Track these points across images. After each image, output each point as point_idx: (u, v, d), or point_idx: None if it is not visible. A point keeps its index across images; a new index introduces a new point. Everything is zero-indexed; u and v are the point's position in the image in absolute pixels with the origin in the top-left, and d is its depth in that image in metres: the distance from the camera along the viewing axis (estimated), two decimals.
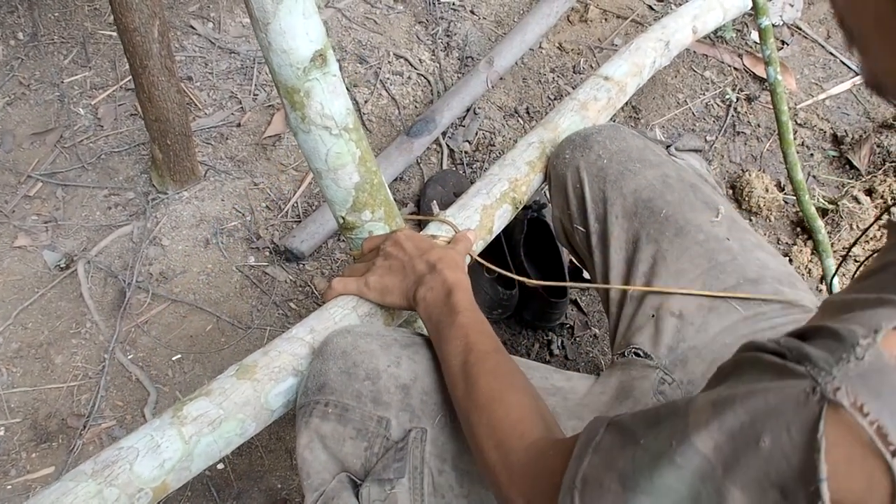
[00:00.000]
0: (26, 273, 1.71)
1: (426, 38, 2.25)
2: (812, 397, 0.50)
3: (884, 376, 0.48)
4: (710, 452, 0.56)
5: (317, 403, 0.99)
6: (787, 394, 0.52)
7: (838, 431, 0.49)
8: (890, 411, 0.47)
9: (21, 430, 1.51)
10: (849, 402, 0.48)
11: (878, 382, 0.48)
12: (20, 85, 2.01)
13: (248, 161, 1.94)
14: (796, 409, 0.51)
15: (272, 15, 1.01)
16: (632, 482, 0.63)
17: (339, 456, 0.98)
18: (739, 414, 0.55)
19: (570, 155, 1.30)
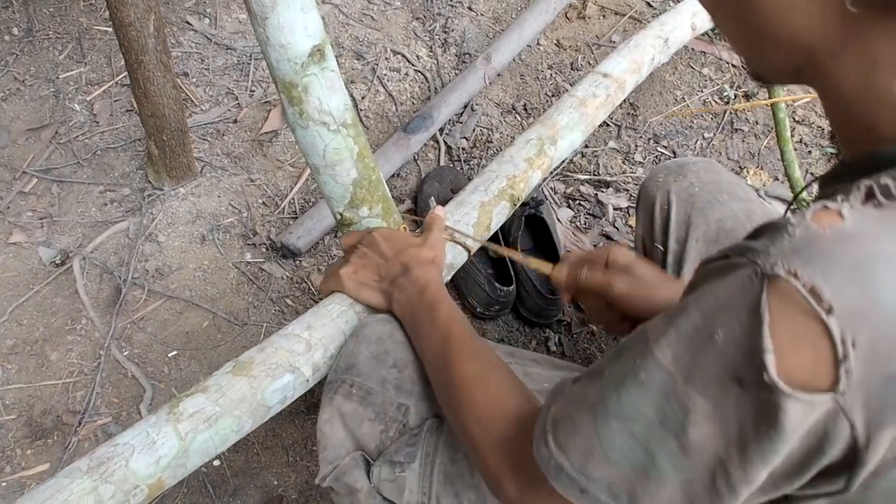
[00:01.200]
0: (21, 269, 1.70)
1: (423, 35, 2.24)
2: (755, 279, 0.53)
3: (813, 245, 0.52)
4: (670, 364, 0.58)
5: (343, 382, 1.03)
6: (732, 284, 0.55)
7: (779, 303, 0.52)
8: (821, 274, 0.50)
9: (16, 426, 1.51)
10: (784, 271, 0.51)
11: (808, 251, 0.52)
12: (15, 80, 2.00)
13: (245, 157, 1.93)
14: (742, 295, 0.54)
15: (270, 9, 1.00)
16: (601, 409, 0.64)
17: (356, 435, 1.02)
18: (693, 317, 0.57)
19: (662, 179, 1.31)
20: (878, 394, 0.51)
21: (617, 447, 0.62)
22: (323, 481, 1.02)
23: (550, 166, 1.44)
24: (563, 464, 0.66)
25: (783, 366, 0.52)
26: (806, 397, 0.52)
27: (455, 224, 1.27)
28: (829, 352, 0.51)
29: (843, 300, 0.50)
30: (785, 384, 0.52)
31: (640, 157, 2.03)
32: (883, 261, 0.51)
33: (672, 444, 0.59)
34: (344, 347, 1.08)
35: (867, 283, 0.50)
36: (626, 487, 0.63)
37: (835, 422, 0.53)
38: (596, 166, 2.00)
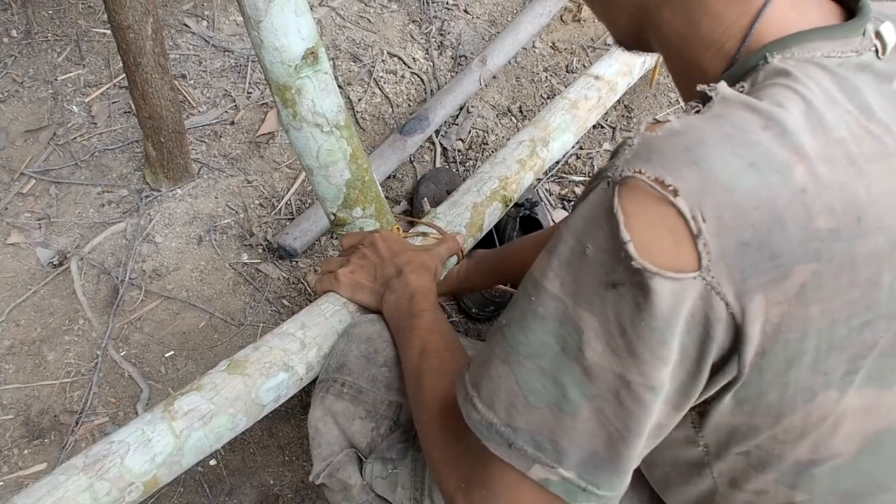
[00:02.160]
0: (19, 270, 1.71)
1: (420, 37, 2.25)
2: (607, 188, 0.58)
3: (650, 146, 0.58)
4: (558, 290, 0.61)
5: (334, 381, 1.05)
6: (591, 200, 0.60)
7: (631, 199, 0.56)
8: (661, 165, 0.56)
9: (13, 426, 1.52)
10: (630, 172, 0.57)
11: (646, 152, 0.57)
12: (13, 82, 2.02)
13: (242, 159, 1.94)
14: (600, 205, 0.58)
15: (264, 13, 1.02)
16: (513, 355, 0.65)
17: (348, 433, 1.04)
18: (567, 240, 0.61)
19: None
20: (737, 261, 0.55)
21: (533, 388, 0.63)
22: (317, 478, 1.03)
23: (543, 167, 1.46)
24: (492, 420, 0.66)
25: (646, 252, 0.56)
26: (673, 275, 0.55)
27: (448, 224, 1.29)
28: (685, 231, 0.55)
29: (684, 182, 0.55)
30: (650, 265, 0.55)
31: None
32: (708, 144, 0.56)
33: (576, 371, 0.61)
34: (334, 347, 1.10)
35: (700, 163, 0.55)
36: (548, 433, 0.63)
37: (710, 302, 0.56)
38: (591, 168, 2.01)
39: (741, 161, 0.56)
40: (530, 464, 0.65)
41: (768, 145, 0.56)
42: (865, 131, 0.59)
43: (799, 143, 0.57)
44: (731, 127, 0.57)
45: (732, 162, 0.56)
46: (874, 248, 0.58)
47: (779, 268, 0.56)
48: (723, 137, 0.57)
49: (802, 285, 0.57)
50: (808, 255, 0.56)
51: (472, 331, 1.73)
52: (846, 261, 0.57)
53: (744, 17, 0.65)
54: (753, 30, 0.65)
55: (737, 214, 0.55)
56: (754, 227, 0.55)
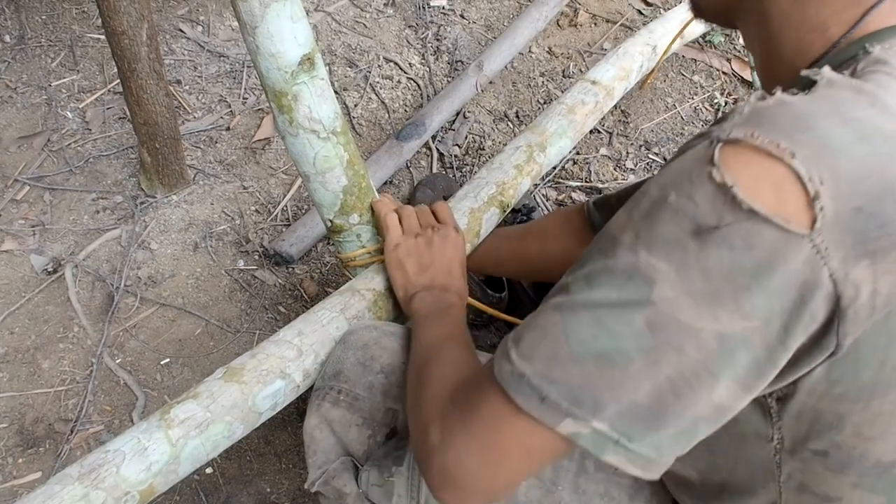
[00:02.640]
0: (13, 277, 1.70)
1: (416, 42, 2.25)
2: (709, 146, 0.58)
3: (761, 113, 0.58)
4: (633, 241, 0.60)
5: (330, 389, 1.05)
6: (688, 156, 0.60)
7: (736, 157, 0.56)
8: (775, 130, 0.56)
9: (7, 435, 1.50)
10: (741, 134, 0.56)
11: (758, 118, 0.58)
12: (7, 88, 2.01)
13: (238, 165, 1.94)
14: (696, 160, 0.58)
15: (260, 18, 1.01)
16: (567, 304, 0.64)
17: (344, 441, 1.03)
18: (650, 192, 0.61)
19: None
20: (849, 227, 0.55)
21: (582, 338, 0.62)
22: (312, 486, 1.02)
23: (540, 173, 1.45)
24: (524, 371, 0.64)
25: (752, 197, 0.55)
26: (782, 223, 0.55)
27: None
28: (798, 192, 0.55)
29: (800, 146, 0.55)
30: (760, 207, 0.55)
31: (631, 163, 2.04)
32: (818, 116, 0.57)
33: (637, 321, 0.59)
34: (331, 354, 1.09)
35: (814, 130, 0.56)
36: (590, 387, 0.61)
37: (813, 268, 0.55)
38: (588, 173, 2.01)
39: (851, 132, 0.56)
40: (562, 417, 0.63)
41: (876, 120, 0.58)
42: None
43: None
44: (839, 103, 0.59)
45: (843, 132, 0.56)
46: None
47: (889, 236, 0.56)
48: (832, 111, 0.58)
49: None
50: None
51: None
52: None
53: (856, 8, 0.67)
54: (861, 23, 0.67)
55: (851, 181, 0.55)
56: (867, 194, 0.55)
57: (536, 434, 0.65)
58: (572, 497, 0.94)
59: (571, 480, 0.95)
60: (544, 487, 0.95)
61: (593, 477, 0.95)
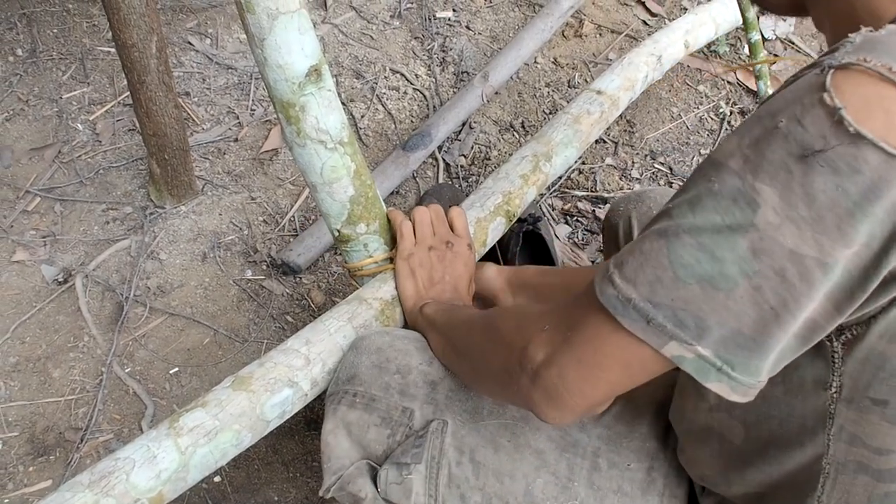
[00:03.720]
0: (24, 287, 1.72)
1: (422, 54, 2.27)
2: (820, 73, 0.58)
3: (874, 41, 0.58)
4: (739, 166, 0.61)
5: (345, 393, 1.05)
6: (800, 83, 0.60)
7: (847, 81, 0.56)
8: (888, 55, 0.56)
9: (19, 443, 1.52)
10: (852, 59, 0.56)
11: (871, 45, 0.58)
12: (19, 101, 2.03)
13: (246, 175, 1.95)
14: (808, 87, 0.59)
15: (268, 31, 1.02)
16: (673, 229, 0.64)
17: (362, 443, 1.03)
18: (760, 117, 0.62)
19: (623, 207, 1.36)
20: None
21: (686, 262, 0.63)
22: (327, 492, 1.03)
23: (545, 182, 1.46)
24: (630, 295, 0.65)
25: (861, 122, 0.55)
26: (888, 147, 0.55)
27: None
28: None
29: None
30: (867, 131, 0.55)
31: (636, 173, 2.05)
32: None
33: (741, 246, 0.60)
34: (343, 360, 1.10)
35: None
36: (694, 310, 0.63)
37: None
38: (593, 182, 2.02)
39: None
40: (666, 340, 0.64)
41: None
42: None
43: None
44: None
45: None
46: None
47: None
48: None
49: None
50: None
51: None
52: None
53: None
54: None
55: None
56: None
57: (640, 352, 0.67)
58: (587, 493, 0.95)
59: (586, 477, 0.96)
60: (560, 484, 0.96)
61: (606, 474, 0.96)
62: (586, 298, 0.71)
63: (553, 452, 0.97)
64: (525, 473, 0.96)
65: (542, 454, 0.97)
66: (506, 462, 0.97)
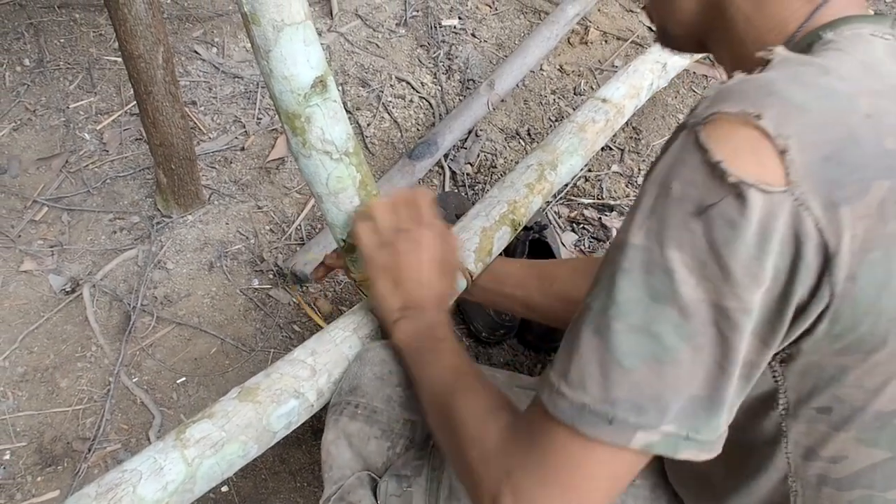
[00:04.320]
0: (32, 297, 1.72)
1: (428, 62, 2.27)
2: (690, 132, 0.62)
3: (726, 91, 0.63)
4: (643, 240, 0.63)
5: (347, 404, 1.05)
6: (674, 148, 0.64)
7: (716, 131, 0.60)
8: (740, 101, 0.61)
9: (26, 453, 1.52)
10: (712, 112, 0.61)
11: (723, 95, 0.63)
12: (26, 111, 2.04)
13: (252, 184, 1.96)
14: (684, 147, 0.63)
15: (273, 42, 1.03)
16: (601, 323, 0.66)
17: (362, 454, 1.03)
18: (649, 191, 0.65)
19: None
20: (822, 176, 0.59)
21: (627, 349, 0.64)
22: (327, 502, 1.03)
23: (551, 191, 1.46)
24: (584, 401, 0.65)
25: (738, 169, 0.59)
26: (765, 187, 0.58)
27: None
28: (771, 150, 0.59)
29: (766, 108, 0.60)
30: (745, 177, 0.59)
31: (643, 180, 2.05)
32: (779, 82, 0.62)
33: (671, 314, 0.62)
34: (347, 371, 1.10)
35: (777, 94, 0.61)
36: (649, 392, 0.63)
37: (799, 219, 0.59)
38: (599, 190, 2.02)
39: (810, 92, 0.62)
40: (632, 433, 0.64)
41: (830, 84, 0.62)
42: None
43: (856, 83, 0.63)
44: (794, 73, 0.64)
45: (803, 92, 0.61)
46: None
47: (860, 181, 0.59)
48: (790, 79, 0.63)
49: (882, 200, 0.60)
50: (883, 172, 0.60)
51: (482, 354, 1.73)
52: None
53: (808, 5, 0.73)
54: (813, 17, 0.73)
55: (816, 131, 0.59)
56: (832, 142, 0.59)
57: (613, 457, 0.67)
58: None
59: None
60: None
61: None
62: (540, 420, 0.70)
63: None
64: None
65: None
66: None
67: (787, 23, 0.74)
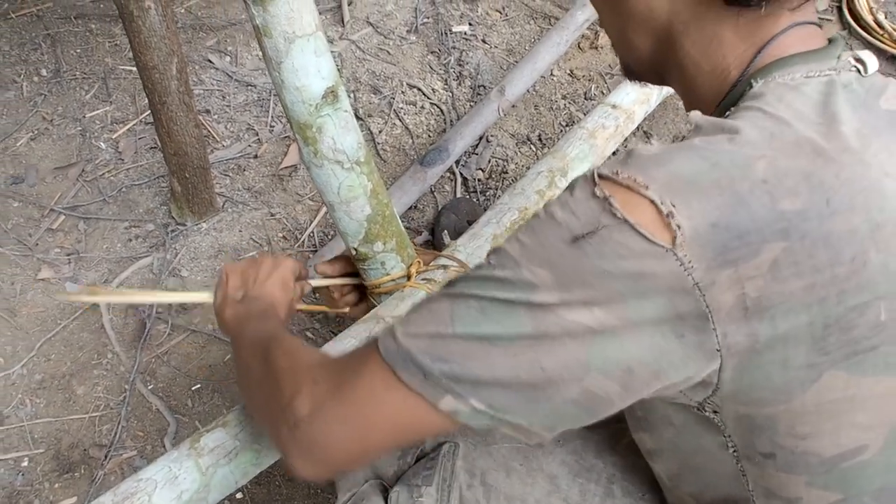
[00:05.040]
0: (49, 305, 1.74)
1: (439, 68, 2.28)
2: (588, 178, 0.64)
3: (628, 155, 0.64)
4: (517, 252, 0.65)
5: None
6: (570, 185, 0.66)
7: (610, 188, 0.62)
8: (634, 168, 0.62)
9: (44, 460, 1.54)
10: (609, 171, 0.62)
11: (624, 160, 0.64)
12: (43, 120, 2.06)
13: (265, 192, 1.97)
14: (577, 185, 0.64)
15: (285, 54, 1.04)
16: (457, 294, 0.67)
17: (374, 463, 1.04)
18: (538, 213, 0.66)
19: None
20: (708, 240, 0.60)
21: (467, 320, 0.65)
22: None
23: None
24: (410, 348, 0.67)
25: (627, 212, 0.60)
26: (651, 236, 0.59)
27: (469, 256, 1.30)
28: (657, 215, 0.60)
29: (653, 179, 0.61)
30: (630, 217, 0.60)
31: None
32: (675, 153, 0.63)
33: (522, 317, 0.63)
34: None
35: (667, 165, 0.62)
36: (470, 367, 0.65)
37: (679, 278, 0.60)
38: None
39: (705, 162, 0.62)
40: (442, 394, 0.66)
41: (730, 149, 0.63)
42: (834, 133, 0.64)
43: (760, 147, 0.63)
44: (699, 142, 0.64)
45: (696, 163, 0.62)
46: (850, 227, 0.61)
47: (748, 245, 0.60)
48: (690, 148, 0.64)
49: (774, 261, 0.60)
50: (776, 234, 0.60)
51: None
52: (820, 238, 0.61)
53: (750, 49, 0.72)
54: (756, 60, 0.71)
55: (703, 199, 0.60)
56: (720, 209, 0.60)
57: (414, 408, 0.68)
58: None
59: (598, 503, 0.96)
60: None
61: (620, 501, 0.96)
62: (366, 354, 0.72)
63: (566, 477, 0.98)
64: (537, 498, 0.96)
65: (554, 479, 0.98)
66: (517, 486, 0.97)
67: (729, 69, 0.73)
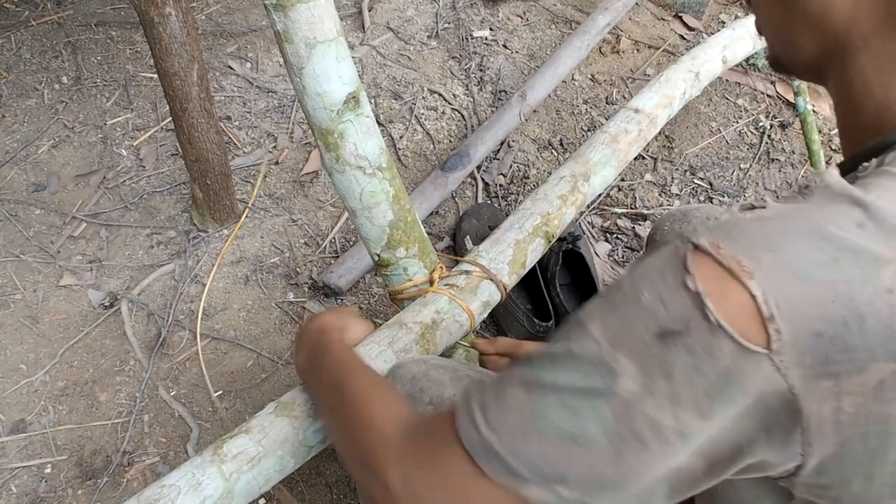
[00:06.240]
0: (72, 312, 1.75)
1: (460, 73, 2.28)
2: (681, 246, 0.59)
3: (733, 224, 0.59)
4: (599, 332, 0.61)
5: None
6: (662, 254, 0.61)
7: (704, 267, 0.57)
8: (739, 246, 0.56)
9: (67, 466, 1.54)
10: (707, 242, 0.57)
11: (729, 229, 0.58)
12: (65, 128, 2.07)
13: (287, 198, 1.97)
14: (669, 259, 0.59)
15: (306, 60, 1.04)
16: (536, 384, 0.64)
17: None
18: (622, 286, 0.62)
19: (668, 226, 1.36)
20: (809, 350, 0.55)
21: (550, 418, 0.63)
22: None
23: (584, 202, 1.46)
24: (492, 442, 0.65)
25: (720, 311, 0.56)
26: (744, 342, 0.55)
27: (491, 262, 1.29)
28: (755, 311, 0.55)
29: (760, 266, 0.55)
30: (725, 323, 0.55)
31: (676, 189, 2.03)
32: (791, 235, 0.56)
33: (604, 410, 0.60)
34: None
35: (777, 251, 0.56)
36: (555, 464, 0.63)
37: (773, 382, 0.56)
38: (633, 199, 2.01)
39: (823, 255, 0.55)
40: (527, 485, 0.64)
41: (859, 242, 0.55)
42: None
43: (893, 241, 0.55)
44: (822, 219, 0.57)
45: (813, 254, 0.55)
46: None
47: (852, 361, 0.55)
48: (809, 230, 0.56)
49: (881, 382, 0.56)
50: (887, 355, 0.55)
51: None
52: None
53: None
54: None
55: (811, 304, 0.54)
56: (828, 319, 0.54)
57: (501, 498, 0.66)
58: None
59: None
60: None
61: None
62: (449, 431, 0.70)
63: None
64: None
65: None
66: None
67: None
